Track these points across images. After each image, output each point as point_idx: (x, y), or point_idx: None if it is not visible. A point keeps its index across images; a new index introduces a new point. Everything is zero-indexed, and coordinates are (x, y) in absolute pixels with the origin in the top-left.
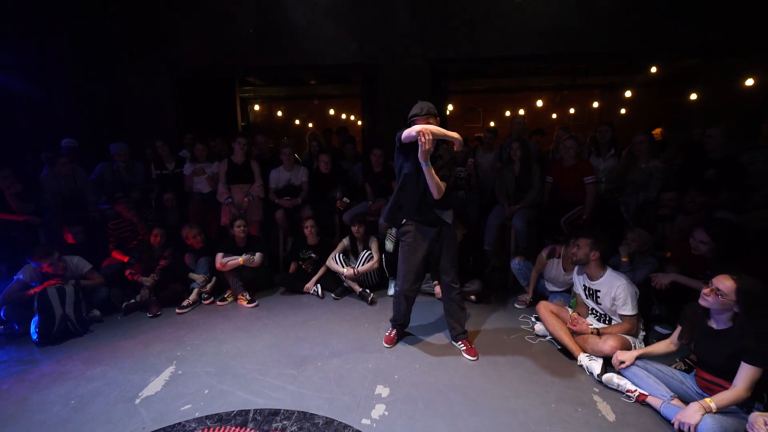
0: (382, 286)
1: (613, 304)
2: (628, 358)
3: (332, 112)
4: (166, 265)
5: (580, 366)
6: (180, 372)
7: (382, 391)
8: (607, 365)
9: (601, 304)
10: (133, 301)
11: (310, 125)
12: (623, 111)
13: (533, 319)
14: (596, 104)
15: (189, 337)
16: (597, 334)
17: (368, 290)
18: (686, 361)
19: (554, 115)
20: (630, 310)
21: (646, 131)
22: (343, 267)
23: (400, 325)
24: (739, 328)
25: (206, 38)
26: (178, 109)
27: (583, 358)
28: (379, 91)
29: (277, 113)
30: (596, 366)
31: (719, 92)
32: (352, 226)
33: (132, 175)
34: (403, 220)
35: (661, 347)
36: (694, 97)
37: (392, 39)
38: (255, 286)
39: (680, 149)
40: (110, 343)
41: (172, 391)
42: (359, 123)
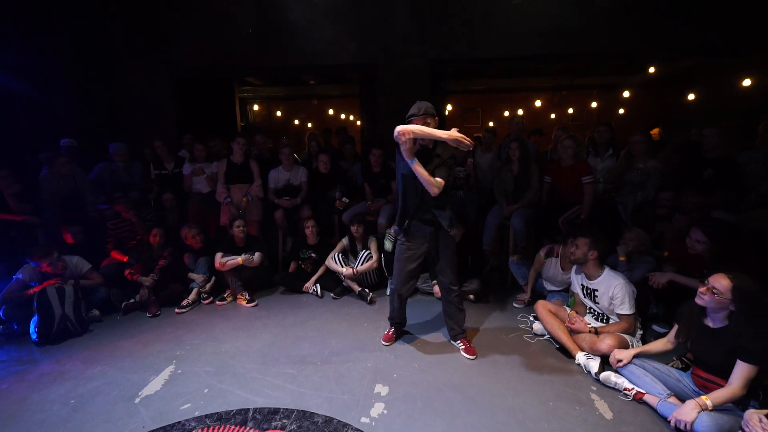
0: (381, 286)
1: (611, 303)
2: (626, 357)
3: (331, 112)
4: (166, 264)
5: (578, 365)
6: (179, 371)
7: (381, 389)
8: (605, 364)
9: (598, 303)
10: (133, 300)
11: (309, 125)
12: (621, 111)
13: (531, 318)
14: (595, 104)
15: (188, 337)
16: (595, 333)
17: (367, 290)
18: (683, 359)
19: (553, 116)
20: (627, 309)
21: (644, 131)
22: (343, 267)
23: (398, 324)
24: (735, 327)
25: (206, 38)
26: (178, 109)
27: (580, 357)
28: (378, 91)
29: (276, 113)
30: (594, 364)
31: (717, 93)
32: (352, 225)
33: (131, 175)
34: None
35: (658, 346)
36: (692, 97)
37: (392, 39)
38: (254, 286)
39: (677, 149)
40: (110, 343)
41: (172, 391)
42: (358, 123)
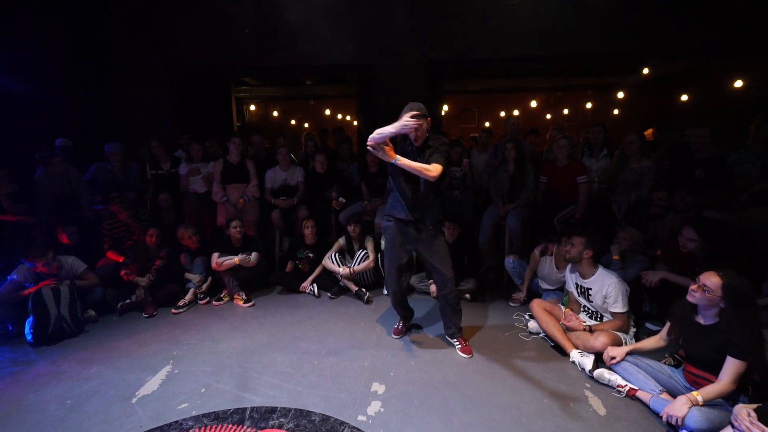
0: (378, 285)
1: (605, 301)
2: (619, 354)
3: (328, 112)
4: (162, 265)
5: (573, 362)
6: (176, 371)
7: (378, 388)
8: (599, 361)
9: (592, 301)
10: (129, 301)
11: (306, 125)
12: (616, 112)
13: (527, 317)
14: (590, 105)
15: (185, 337)
16: (589, 331)
17: (364, 289)
18: (675, 356)
19: (548, 116)
20: (621, 307)
21: (638, 132)
22: (340, 266)
23: (404, 317)
24: (725, 323)
25: (203, 38)
26: (176, 110)
27: (575, 355)
28: (375, 91)
29: (273, 113)
30: (588, 362)
31: (710, 93)
32: (348, 225)
33: (127, 175)
34: (386, 216)
35: (651, 343)
36: (686, 98)
37: (389, 40)
38: (251, 286)
39: (671, 149)
40: (106, 343)
41: (169, 390)
42: (355, 123)
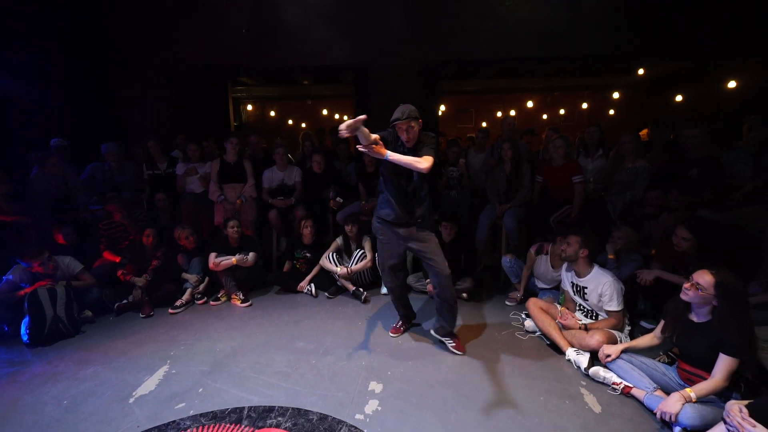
0: (375, 285)
1: (600, 300)
2: (614, 352)
3: (325, 112)
4: (159, 265)
5: (568, 360)
6: (174, 371)
7: (375, 387)
8: (594, 359)
9: (588, 300)
10: (126, 301)
11: (303, 125)
12: (612, 112)
13: (523, 315)
14: (585, 105)
15: (182, 337)
16: (584, 330)
17: (361, 289)
18: (669, 354)
19: (545, 116)
20: (616, 305)
21: (633, 132)
22: (337, 266)
23: (405, 316)
24: (718, 321)
25: (201, 38)
26: (174, 110)
27: (570, 353)
28: (371, 91)
29: (270, 113)
30: (583, 360)
31: (705, 94)
32: (346, 225)
33: (123, 175)
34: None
35: (645, 341)
36: (680, 98)
37: (385, 40)
38: (248, 286)
39: (665, 149)
40: (102, 344)
41: (166, 390)
42: None
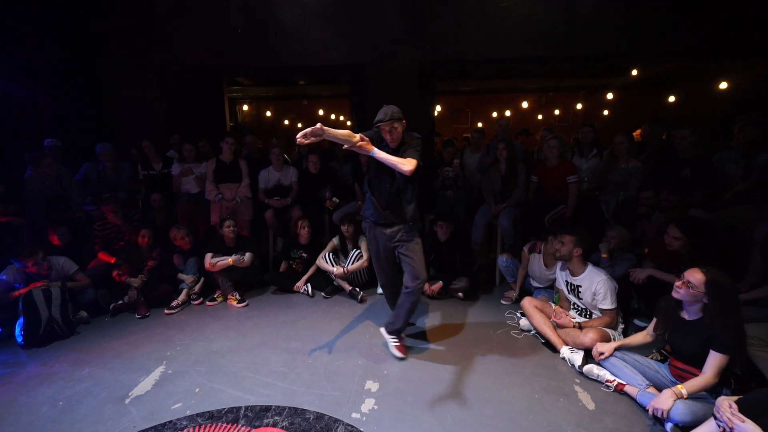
0: (371, 285)
1: (594, 298)
2: (607, 350)
3: (321, 112)
4: (154, 265)
5: (563, 358)
6: (170, 371)
7: (372, 386)
8: (588, 357)
9: (582, 298)
10: (121, 302)
11: (300, 125)
12: (606, 113)
13: (519, 314)
14: (580, 106)
15: (179, 337)
16: (578, 328)
17: (358, 289)
18: (662, 351)
19: (540, 117)
20: (609, 304)
21: (627, 132)
22: (333, 266)
23: None
24: (708, 318)
25: (196, 39)
26: (169, 110)
27: (565, 351)
28: (367, 91)
29: (266, 113)
30: (577, 358)
31: (698, 95)
32: (342, 225)
33: (118, 176)
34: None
35: (638, 339)
36: (673, 99)
37: (381, 41)
38: (245, 286)
39: (658, 149)
40: (98, 345)
41: (163, 390)
42: (348, 123)
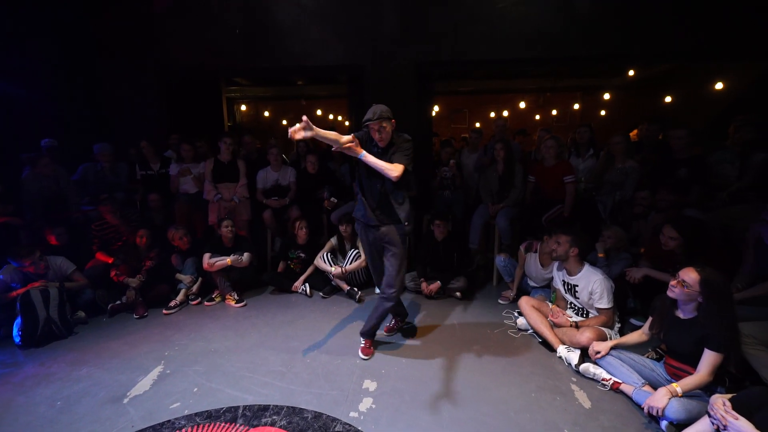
0: (369, 285)
1: (591, 297)
2: (604, 349)
3: (320, 112)
4: (152, 265)
5: (559, 357)
6: (168, 371)
7: (370, 385)
8: (585, 356)
9: (579, 298)
10: (119, 302)
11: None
12: (603, 113)
13: (516, 314)
14: (577, 106)
15: (177, 337)
16: (575, 327)
17: (356, 288)
18: (657, 350)
19: (537, 117)
20: (606, 303)
21: (623, 133)
22: (331, 266)
23: (396, 314)
24: (703, 317)
25: (194, 39)
26: (167, 110)
27: (561, 350)
28: (366, 92)
29: (264, 113)
30: (574, 357)
31: (693, 95)
32: (340, 225)
33: (116, 176)
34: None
35: (634, 337)
36: (669, 99)
37: (379, 41)
38: (243, 286)
39: (654, 150)
40: (96, 345)
41: (161, 390)
42: (347, 123)
